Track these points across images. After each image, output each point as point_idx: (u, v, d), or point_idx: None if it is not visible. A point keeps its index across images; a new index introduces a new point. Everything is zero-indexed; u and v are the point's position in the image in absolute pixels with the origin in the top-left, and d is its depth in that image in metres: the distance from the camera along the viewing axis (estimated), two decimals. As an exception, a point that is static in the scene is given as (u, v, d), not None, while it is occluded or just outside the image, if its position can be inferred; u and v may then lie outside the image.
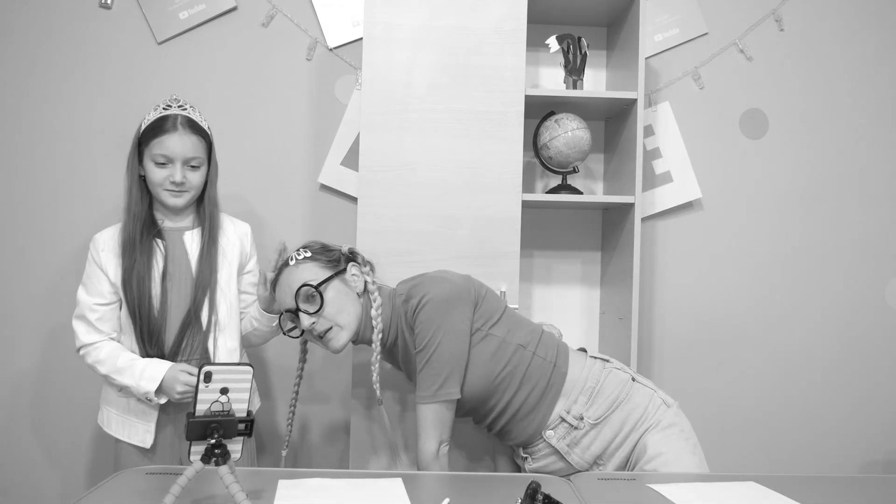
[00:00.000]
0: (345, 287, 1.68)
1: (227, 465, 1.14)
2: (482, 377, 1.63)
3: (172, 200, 1.77)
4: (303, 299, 1.64)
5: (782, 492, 1.34)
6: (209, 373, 1.13)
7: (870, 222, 2.56)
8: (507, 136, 2.05)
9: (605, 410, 1.63)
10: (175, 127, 1.74)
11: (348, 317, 1.66)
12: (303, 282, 1.63)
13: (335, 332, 1.65)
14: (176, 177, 1.73)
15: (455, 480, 1.44)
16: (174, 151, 1.73)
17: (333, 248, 1.74)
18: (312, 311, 1.63)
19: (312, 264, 1.67)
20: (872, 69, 2.55)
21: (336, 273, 1.67)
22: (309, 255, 1.69)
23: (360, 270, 1.73)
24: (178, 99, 1.81)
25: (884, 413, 2.55)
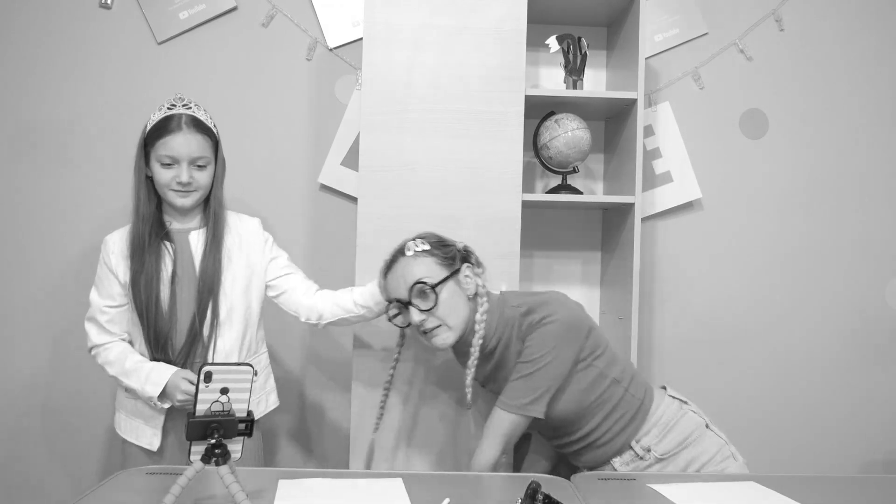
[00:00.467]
0: (458, 288, 1.66)
1: (227, 465, 1.14)
2: (574, 402, 1.64)
3: (180, 201, 1.75)
4: (416, 295, 1.62)
5: (782, 492, 1.34)
6: (209, 373, 1.13)
7: (870, 222, 2.56)
8: (507, 136, 2.05)
9: (674, 448, 1.64)
10: (180, 127, 1.72)
11: (458, 318, 1.64)
12: (418, 278, 1.62)
13: (443, 330, 1.64)
14: (182, 177, 1.72)
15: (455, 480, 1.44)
16: (180, 152, 1.71)
17: (449, 244, 1.71)
18: (424, 309, 1.62)
19: (430, 259, 1.65)
20: (872, 69, 2.55)
21: (451, 274, 1.66)
22: (427, 248, 1.66)
23: (473, 272, 1.70)
24: (182, 98, 1.79)
25: (884, 413, 2.55)
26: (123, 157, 2.38)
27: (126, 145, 2.38)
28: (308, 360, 2.47)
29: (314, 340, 2.46)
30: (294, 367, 2.46)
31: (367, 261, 2.02)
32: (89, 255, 2.37)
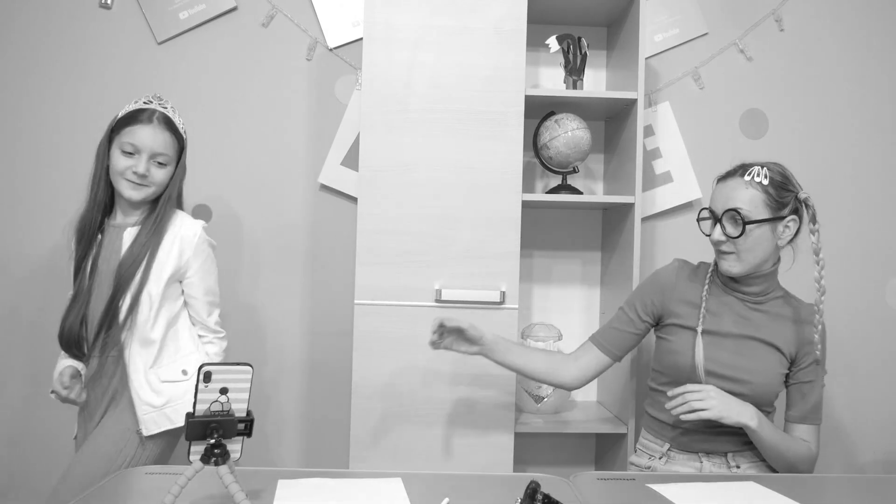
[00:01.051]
0: (771, 233, 1.64)
1: (226, 465, 1.14)
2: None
3: (129, 192, 1.72)
4: (728, 219, 1.64)
5: (782, 492, 1.34)
6: (209, 373, 1.13)
7: (869, 222, 2.55)
8: (507, 136, 2.05)
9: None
10: (150, 120, 1.72)
11: (754, 258, 1.65)
12: (738, 206, 1.62)
13: (734, 259, 1.65)
14: (139, 168, 1.70)
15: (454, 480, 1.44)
16: (143, 142, 1.70)
17: (790, 190, 1.65)
18: (728, 234, 1.63)
19: (761, 194, 1.62)
20: (872, 69, 2.55)
21: (772, 218, 1.63)
22: (766, 182, 1.62)
23: (797, 226, 1.67)
24: (160, 97, 1.80)
25: (884, 413, 2.55)
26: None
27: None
28: (308, 360, 2.47)
29: (314, 341, 2.46)
30: (294, 366, 2.46)
31: (367, 261, 2.02)
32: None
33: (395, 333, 2.03)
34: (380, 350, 2.03)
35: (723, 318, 1.71)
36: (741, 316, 1.71)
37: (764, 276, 1.70)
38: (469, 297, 2.02)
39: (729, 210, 1.62)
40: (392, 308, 2.03)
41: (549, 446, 2.52)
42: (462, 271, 2.04)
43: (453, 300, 2.02)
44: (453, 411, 2.04)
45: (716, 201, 1.68)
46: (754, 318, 1.70)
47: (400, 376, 2.03)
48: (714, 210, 1.67)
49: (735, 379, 1.65)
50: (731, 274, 1.67)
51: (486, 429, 2.04)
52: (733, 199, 1.63)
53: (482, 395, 2.04)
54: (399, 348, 2.03)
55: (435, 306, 2.03)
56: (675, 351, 1.72)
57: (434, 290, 2.03)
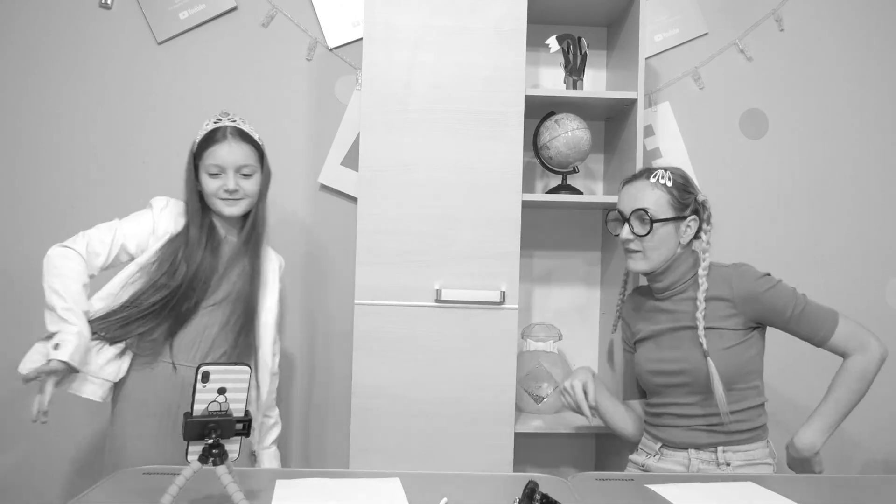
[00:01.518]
0: (674, 232, 1.74)
1: (224, 465, 1.14)
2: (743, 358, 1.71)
3: (228, 210, 1.78)
4: (635, 218, 1.73)
5: (782, 492, 1.34)
6: (207, 373, 1.13)
7: (869, 222, 2.55)
8: (507, 136, 2.05)
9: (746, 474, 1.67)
10: (225, 136, 1.77)
11: (659, 256, 1.74)
12: (645, 206, 1.71)
13: (640, 257, 1.75)
14: (229, 184, 1.76)
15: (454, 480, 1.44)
16: (225, 160, 1.76)
17: (691, 192, 1.77)
18: (636, 233, 1.72)
19: (665, 195, 1.73)
20: (872, 69, 2.55)
21: (676, 218, 1.73)
22: (670, 184, 1.73)
23: (697, 226, 1.77)
24: (227, 113, 1.84)
25: (884, 413, 2.55)
26: (124, 156, 2.40)
27: (126, 145, 2.40)
28: (308, 360, 2.47)
29: (314, 341, 2.46)
30: (294, 366, 2.46)
31: (367, 261, 2.02)
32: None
33: (395, 333, 2.03)
34: (380, 350, 2.03)
35: (656, 319, 1.81)
36: (665, 311, 1.79)
37: (672, 269, 1.77)
38: (469, 297, 2.02)
39: (637, 210, 1.72)
40: (392, 308, 2.03)
41: (548, 446, 2.51)
42: (462, 271, 2.04)
43: (453, 300, 2.02)
44: (453, 411, 2.04)
45: (623, 202, 1.78)
46: (678, 309, 1.76)
47: (400, 376, 2.03)
48: (622, 211, 1.77)
49: (673, 372, 1.73)
50: (638, 271, 1.77)
51: (486, 429, 2.04)
52: (640, 200, 1.73)
53: (482, 395, 2.04)
54: (399, 348, 2.03)
55: (435, 306, 2.03)
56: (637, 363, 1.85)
57: (434, 290, 2.03)
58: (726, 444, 1.70)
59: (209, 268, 1.77)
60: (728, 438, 1.70)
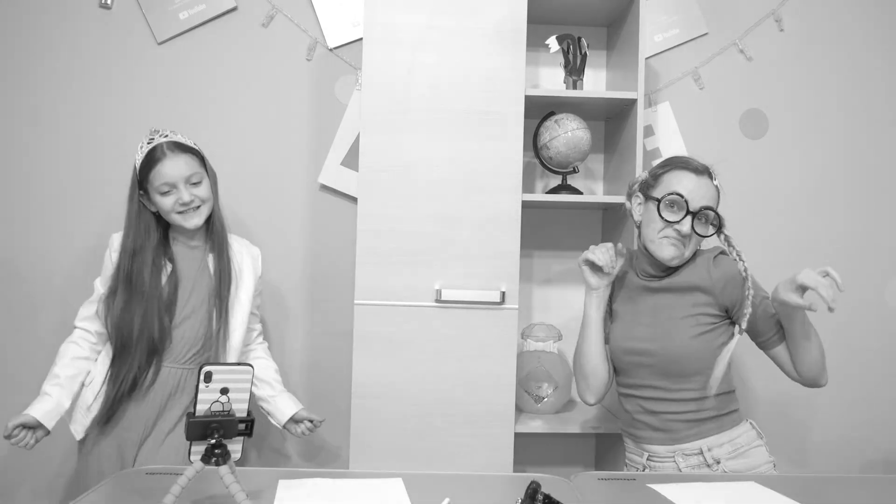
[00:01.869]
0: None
1: (227, 465, 1.14)
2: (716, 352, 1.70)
3: (189, 222, 1.82)
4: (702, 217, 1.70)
5: (782, 492, 1.34)
6: (209, 373, 1.13)
7: (870, 222, 2.56)
8: (507, 136, 2.05)
9: (742, 470, 1.66)
10: (164, 153, 1.79)
11: (691, 252, 1.74)
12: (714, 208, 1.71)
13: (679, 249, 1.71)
14: (183, 197, 1.79)
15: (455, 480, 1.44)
16: (172, 175, 1.78)
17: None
18: (698, 232, 1.71)
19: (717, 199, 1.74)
20: (872, 69, 2.55)
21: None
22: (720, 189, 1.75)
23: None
24: (157, 130, 1.86)
25: (884, 413, 2.55)
26: (123, 156, 2.40)
27: (126, 145, 2.39)
28: (308, 360, 2.47)
29: (314, 341, 2.46)
30: (294, 366, 2.45)
31: (367, 261, 2.02)
32: (92, 252, 2.38)
33: (395, 333, 2.03)
34: (380, 350, 2.03)
35: (636, 299, 1.80)
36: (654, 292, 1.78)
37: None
38: (469, 297, 2.02)
39: (706, 209, 1.70)
40: (392, 308, 2.03)
41: (549, 446, 2.52)
42: (462, 271, 2.04)
43: (453, 300, 2.02)
44: (453, 411, 2.04)
45: (693, 193, 1.70)
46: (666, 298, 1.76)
47: (400, 376, 2.03)
48: (689, 202, 1.70)
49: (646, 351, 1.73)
50: (672, 260, 1.73)
51: (486, 429, 2.04)
52: (709, 199, 1.72)
53: (482, 395, 2.04)
54: (399, 348, 2.03)
55: (435, 306, 2.03)
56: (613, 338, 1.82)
57: (434, 290, 2.03)
58: (705, 433, 1.68)
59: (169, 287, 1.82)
60: (703, 428, 1.69)
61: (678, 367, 1.69)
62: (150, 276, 1.79)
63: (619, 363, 1.81)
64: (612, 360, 1.83)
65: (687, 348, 1.68)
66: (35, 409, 1.75)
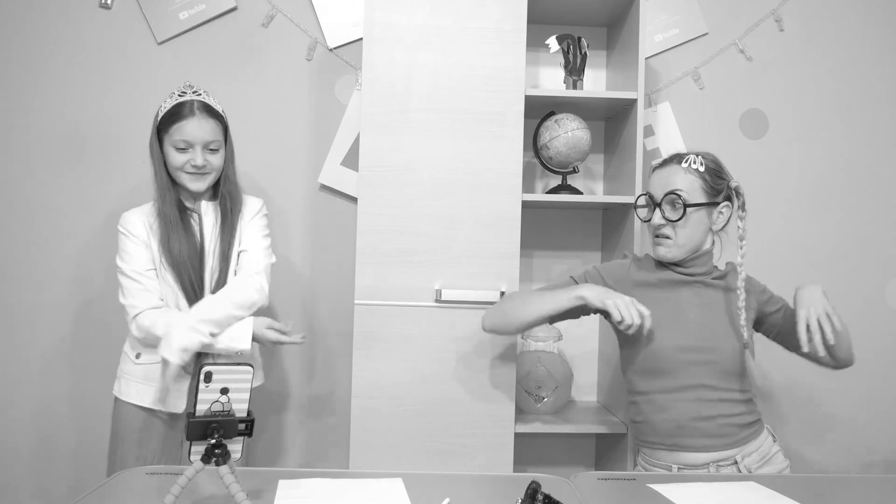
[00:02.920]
0: (706, 219, 1.71)
1: (227, 465, 1.14)
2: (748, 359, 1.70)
3: (194, 185, 1.81)
4: (667, 202, 1.68)
5: (782, 492, 1.34)
6: (209, 373, 1.13)
7: (870, 222, 2.56)
8: (507, 136, 2.05)
9: None
10: (192, 112, 1.78)
11: (690, 242, 1.70)
12: (678, 188, 1.67)
13: (670, 244, 1.70)
14: (197, 160, 1.78)
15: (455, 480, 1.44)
16: (194, 136, 1.77)
17: (724, 178, 1.73)
18: (668, 218, 1.68)
19: (698, 180, 1.69)
20: (872, 69, 2.55)
21: (708, 203, 1.69)
22: (703, 169, 1.69)
23: (730, 212, 1.74)
24: (191, 85, 1.84)
25: (884, 413, 2.55)
26: (124, 155, 2.40)
27: (126, 144, 2.40)
28: (308, 359, 2.47)
29: (314, 341, 2.46)
30: (294, 366, 2.46)
31: (367, 261, 2.03)
32: (94, 251, 2.38)
33: (394, 333, 2.03)
34: (380, 350, 2.03)
35: (677, 297, 1.73)
36: (696, 294, 1.74)
37: (702, 256, 1.74)
38: (469, 297, 2.03)
39: (669, 194, 1.68)
40: (392, 308, 2.03)
41: (549, 446, 2.52)
42: (462, 271, 2.04)
43: (453, 300, 2.02)
44: (453, 411, 2.04)
45: (654, 187, 1.72)
46: (707, 295, 1.74)
47: (400, 376, 2.03)
48: (653, 195, 1.72)
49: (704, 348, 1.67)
50: (668, 259, 1.72)
51: (486, 429, 2.04)
52: (672, 184, 1.69)
53: (482, 395, 2.04)
54: (399, 348, 2.03)
55: (435, 306, 2.03)
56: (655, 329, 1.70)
57: (434, 290, 2.03)
58: (743, 441, 1.66)
59: (189, 246, 1.81)
60: (743, 434, 1.66)
61: (737, 363, 1.67)
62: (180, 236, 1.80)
63: (669, 363, 1.66)
64: (657, 363, 1.68)
65: (733, 351, 1.67)
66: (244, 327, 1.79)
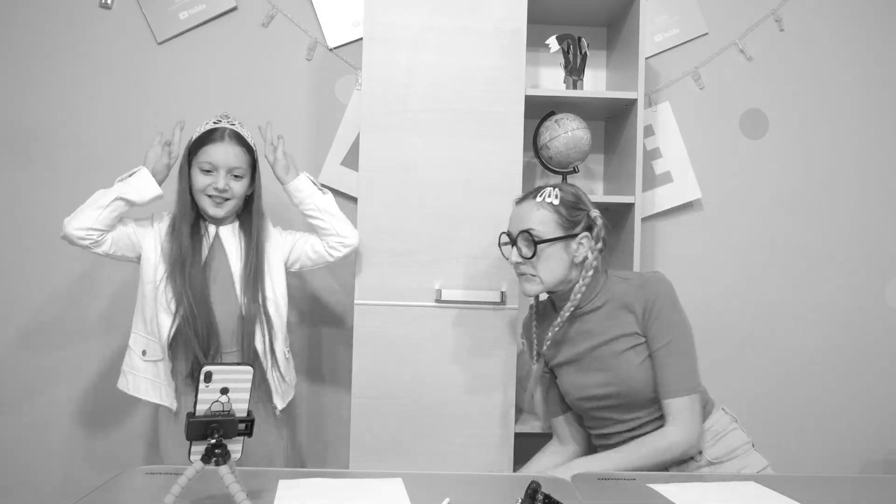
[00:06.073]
0: (564, 252, 1.67)
1: (227, 465, 1.14)
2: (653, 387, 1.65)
3: (213, 210, 1.84)
4: (522, 240, 1.67)
5: (782, 492, 1.34)
6: (209, 373, 1.13)
7: (869, 222, 2.56)
8: (507, 136, 2.05)
9: (723, 455, 1.65)
10: (222, 138, 1.83)
11: (551, 277, 1.67)
12: (530, 227, 1.65)
13: (533, 280, 1.68)
14: (219, 183, 1.81)
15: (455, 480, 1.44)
16: (219, 159, 1.81)
17: (582, 209, 1.69)
18: (523, 256, 1.66)
19: (552, 214, 1.66)
20: (872, 69, 2.55)
21: (565, 237, 1.66)
22: (556, 202, 1.67)
23: (590, 246, 1.69)
24: (227, 115, 1.89)
25: (884, 413, 2.55)
26: (123, 155, 2.40)
27: (126, 144, 2.40)
28: (308, 360, 2.47)
29: (314, 341, 2.46)
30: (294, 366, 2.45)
31: (367, 261, 2.03)
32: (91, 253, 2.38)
33: (395, 333, 2.03)
34: (380, 350, 2.03)
35: (574, 342, 1.72)
36: (579, 331, 1.71)
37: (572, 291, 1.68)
38: (469, 298, 2.03)
39: (522, 232, 1.66)
40: (392, 308, 2.03)
41: (549, 446, 2.51)
42: (462, 271, 2.04)
43: (453, 300, 2.02)
44: (453, 411, 2.04)
45: (512, 224, 1.72)
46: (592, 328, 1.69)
47: (400, 376, 2.03)
48: (511, 233, 1.71)
49: (605, 395, 1.66)
50: (531, 294, 1.71)
51: (486, 429, 2.04)
52: (526, 221, 1.67)
53: (482, 395, 2.04)
54: (399, 348, 2.03)
55: (435, 306, 2.03)
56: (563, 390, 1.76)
57: (434, 290, 2.03)
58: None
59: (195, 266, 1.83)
60: None
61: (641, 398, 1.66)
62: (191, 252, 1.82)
63: (585, 414, 1.73)
64: (578, 412, 1.77)
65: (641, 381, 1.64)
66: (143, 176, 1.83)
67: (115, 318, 2.38)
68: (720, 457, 1.65)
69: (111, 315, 2.40)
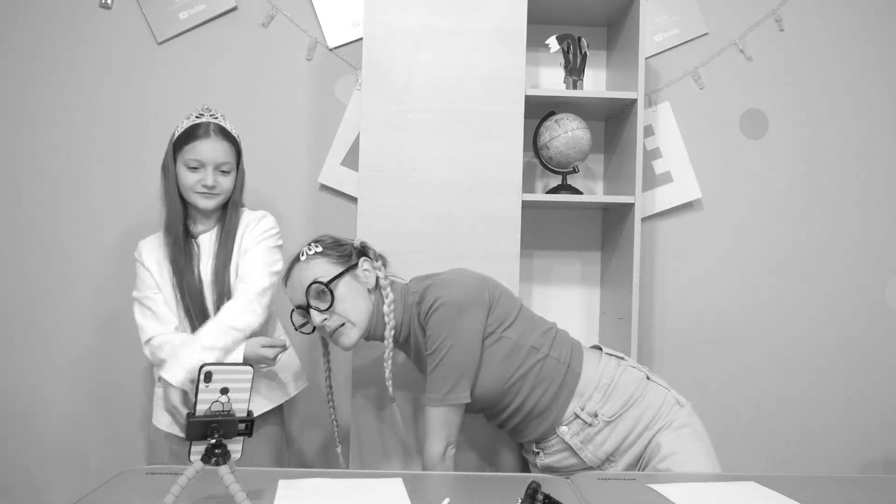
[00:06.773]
0: (356, 283, 1.67)
1: (227, 465, 1.14)
2: (495, 380, 1.63)
3: (204, 202, 1.82)
4: (313, 296, 1.63)
5: (782, 492, 1.34)
6: (209, 373, 1.13)
7: (869, 222, 2.56)
8: (507, 136, 2.05)
9: (620, 408, 1.63)
10: (207, 133, 1.81)
11: (359, 313, 1.65)
12: (313, 279, 1.63)
13: (346, 328, 1.65)
14: (207, 180, 1.80)
15: (455, 480, 1.44)
16: (206, 156, 1.80)
17: (345, 243, 1.73)
18: (323, 308, 1.63)
19: (323, 260, 1.67)
20: (872, 69, 2.55)
21: (347, 269, 1.67)
22: (320, 249, 1.68)
23: (372, 266, 1.71)
24: (209, 108, 1.88)
25: (884, 413, 2.55)
26: (123, 155, 2.40)
27: (126, 144, 2.40)
28: (307, 360, 2.47)
29: (314, 341, 2.46)
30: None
31: (367, 261, 2.03)
32: (94, 251, 2.39)
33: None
34: (380, 350, 2.02)
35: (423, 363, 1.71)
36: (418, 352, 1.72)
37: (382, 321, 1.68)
38: (469, 297, 2.02)
39: (309, 287, 1.62)
40: (392, 308, 2.03)
41: (549, 446, 2.51)
42: (462, 271, 2.04)
43: (453, 300, 2.02)
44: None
45: (295, 296, 1.68)
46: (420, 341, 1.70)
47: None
48: (299, 304, 1.67)
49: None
50: (353, 341, 1.66)
51: (486, 429, 2.04)
52: (306, 279, 1.64)
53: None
54: (399, 348, 2.03)
55: (435, 306, 2.03)
56: None
57: (434, 290, 2.03)
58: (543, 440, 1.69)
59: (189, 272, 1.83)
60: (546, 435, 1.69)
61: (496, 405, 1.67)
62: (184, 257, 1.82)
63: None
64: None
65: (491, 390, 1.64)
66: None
67: (115, 317, 2.38)
68: (617, 411, 1.63)
69: (111, 315, 2.39)
